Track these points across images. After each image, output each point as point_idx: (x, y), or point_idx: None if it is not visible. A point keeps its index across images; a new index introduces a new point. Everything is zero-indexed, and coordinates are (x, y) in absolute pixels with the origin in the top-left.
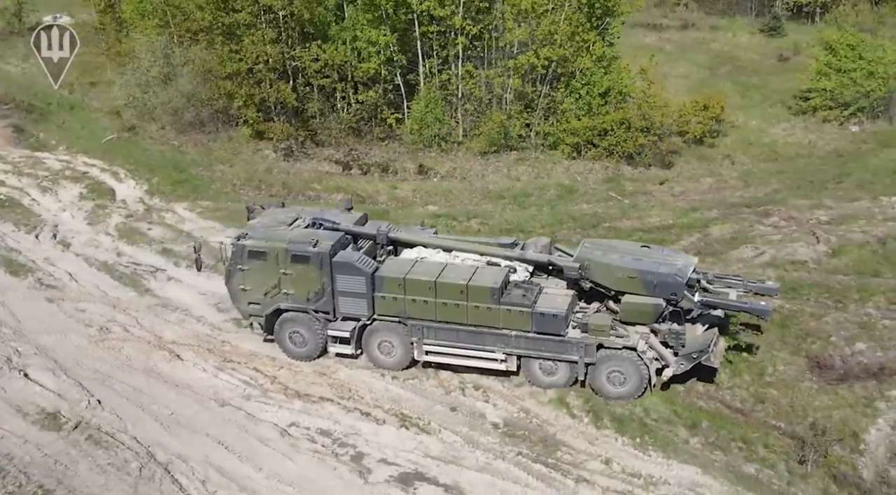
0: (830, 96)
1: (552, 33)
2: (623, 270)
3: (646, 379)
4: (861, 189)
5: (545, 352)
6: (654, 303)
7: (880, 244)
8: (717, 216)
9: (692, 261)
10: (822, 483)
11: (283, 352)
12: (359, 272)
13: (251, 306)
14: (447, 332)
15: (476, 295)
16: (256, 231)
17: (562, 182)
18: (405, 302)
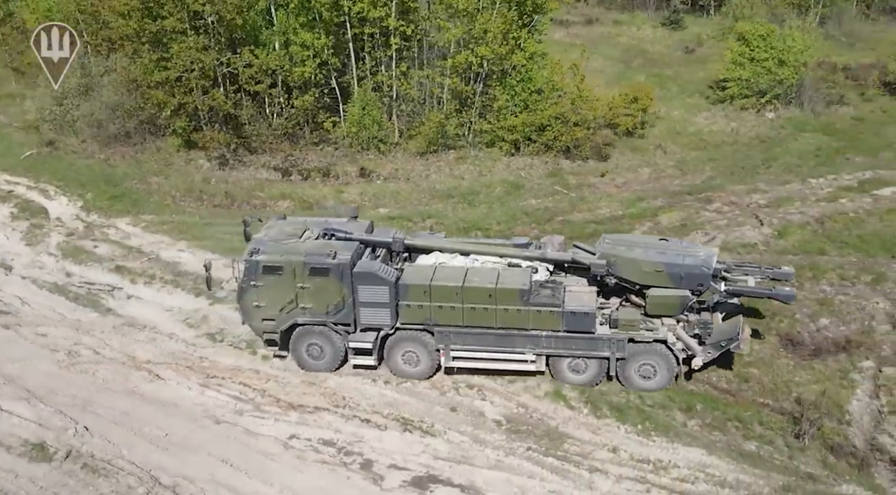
0: (746, 85)
1: (486, 31)
2: (650, 264)
3: (675, 370)
4: (790, 172)
5: (576, 350)
6: (681, 295)
7: (819, 224)
8: (663, 204)
9: (713, 251)
10: (820, 454)
11: (300, 367)
12: (381, 281)
13: (265, 323)
14: (475, 337)
15: (505, 297)
16: (267, 245)
17: (506, 179)
18: (431, 309)
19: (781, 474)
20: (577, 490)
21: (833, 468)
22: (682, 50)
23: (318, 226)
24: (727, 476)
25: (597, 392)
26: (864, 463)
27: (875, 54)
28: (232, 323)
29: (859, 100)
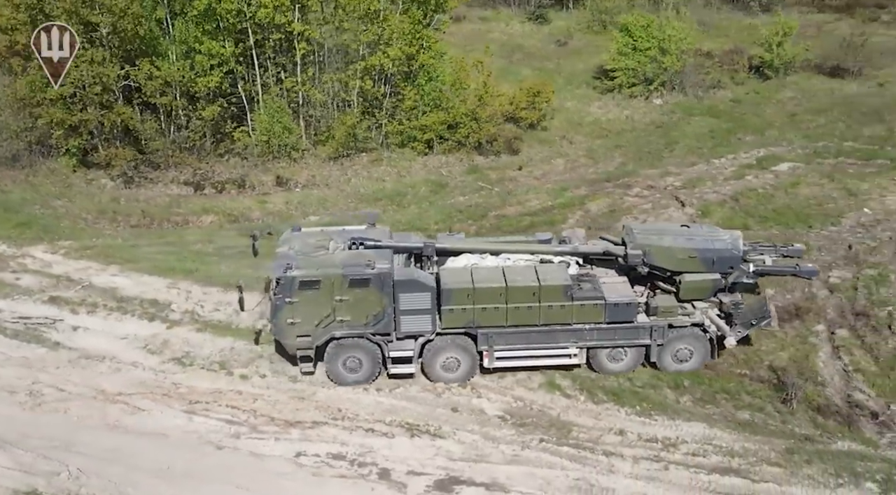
0: (633, 74)
1: (393, 31)
2: (683, 251)
3: (709, 351)
4: (692, 154)
5: (618, 340)
6: (713, 279)
7: (735, 201)
8: (587, 193)
9: (738, 234)
10: (808, 416)
11: (335, 381)
12: (424, 288)
13: (300, 340)
14: (518, 336)
15: (549, 294)
16: (299, 259)
17: (428, 178)
18: (474, 311)
19: (781, 438)
20: (600, 475)
21: (824, 427)
22: (555, 43)
23: (340, 236)
24: (733, 445)
25: (588, 378)
26: (849, 419)
27: (730, 41)
28: (196, 345)
29: (732, 83)
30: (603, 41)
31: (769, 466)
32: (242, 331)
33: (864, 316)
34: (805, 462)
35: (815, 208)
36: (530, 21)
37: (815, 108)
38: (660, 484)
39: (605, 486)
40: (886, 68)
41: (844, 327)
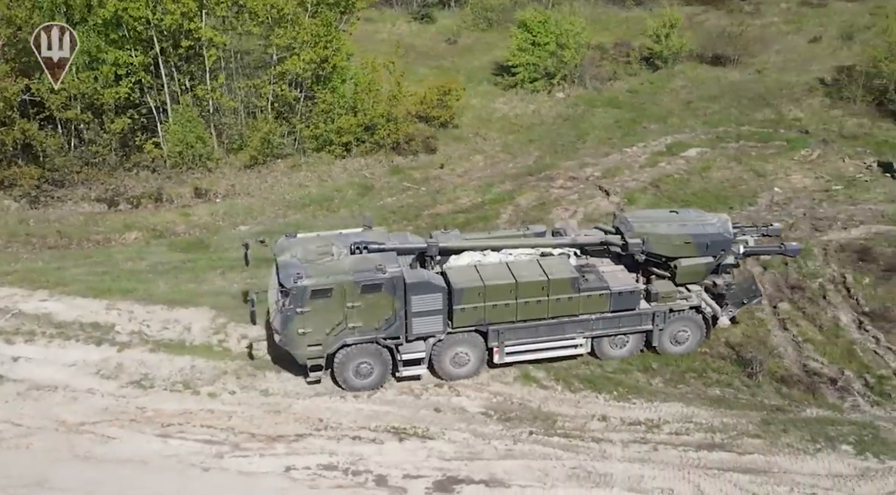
0: (534, 69)
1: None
2: (679, 237)
3: (704, 332)
4: (604, 144)
5: (622, 327)
6: (707, 262)
7: (654, 187)
8: (513, 187)
9: (725, 217)
10: (774, 387)
11: (346, 388)
12: (435, 289)
13: (311, 349)
14: (527, 330)
15: (557, 287)
16: (307, 268)
17: (352, 181)
18: (485, 309)
19: (755, 411)
20: (594, 461)
21: (790, 397)
22: (445, 42)
23: (340, 241)
24: (712, 421)
25: (561, 368)
26: (811, 387)
27: (612, 34)
28: (153, 366)
29: (625, 75)
30: (492, 38)
31: (750, 438)
32: (199, 349)
33: (799, 289)
34: (782, 431)
35: (730, 190)
36: (416, 21)
37: (706, 95)
38: (653, 465)
39: (601, 472)
40: (760, 55)
41: (784, 301)
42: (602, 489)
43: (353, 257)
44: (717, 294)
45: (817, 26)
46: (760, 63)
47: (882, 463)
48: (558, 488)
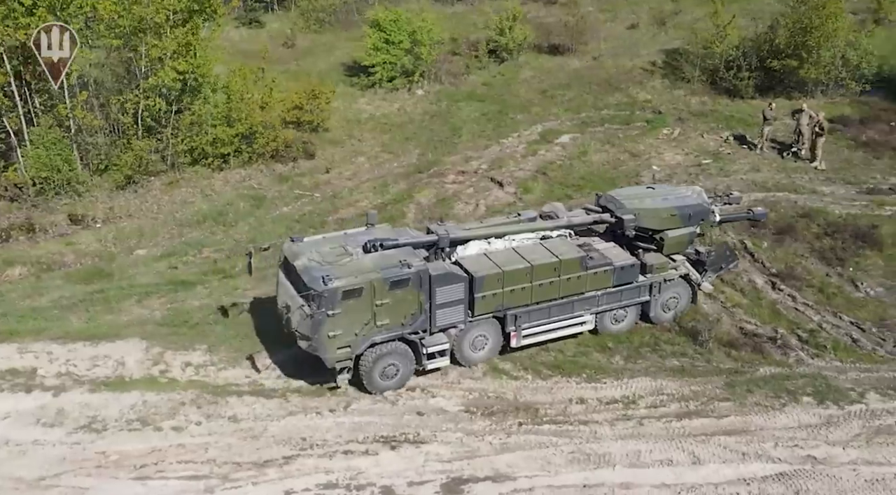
0: (391, 68)
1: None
2: (666, 210)
3: (690, 298)
4: (480, 137)
5: (623, 301)
6: (690, 232)
7: (543, 175)
8: (408, 186)
9: (699, 189)
10: (724, 351)
11: (371, 389)
12: (458, 279)
13: (340, 351)
14: (541, 312)
15: (568, 267)
16: (331, 270)
17: (241, 193)
18: (503, 295)
19: (716, 376)
20: (589, 443)
21: (741, 359)
22: (282, 46)
23: (349, 241)
24: (682, 391)
25: (525, 357)
26: (756, 348)
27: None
28: (99, 407)
29: (475, 68)
30: (328, 39)
31: (720, 402)
32: (143, 383)
33: None
34: (747, 391)
35: (613, 171)
36: (245, 26)
37: (557, 83)
38: (646, 439)
39: (600, 453)
40: (590, 43)
41: None
42: (605, 469)
43: (372, 255)
44: (698, 261)
45: (630, 14)
46: (593, 50)
47: (842, 409)
48: (563, 473)
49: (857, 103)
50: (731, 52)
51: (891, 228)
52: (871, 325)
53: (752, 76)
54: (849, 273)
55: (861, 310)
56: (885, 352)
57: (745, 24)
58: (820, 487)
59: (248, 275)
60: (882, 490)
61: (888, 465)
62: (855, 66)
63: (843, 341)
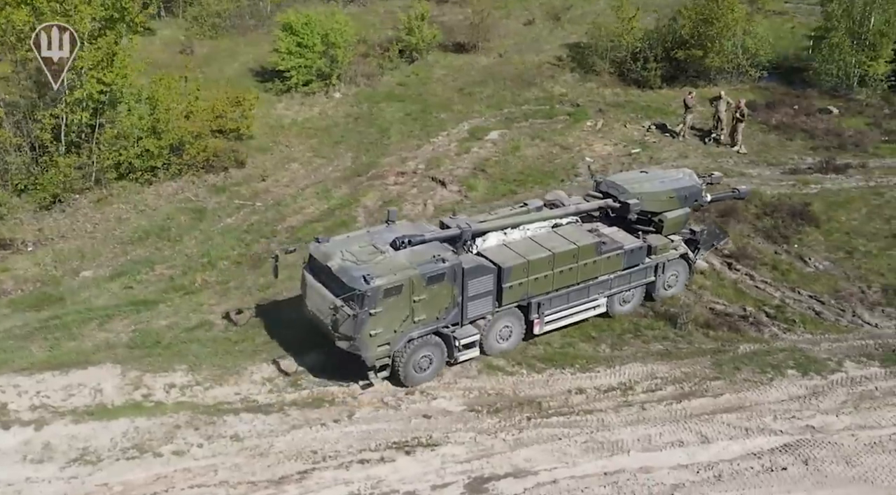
0: (307, 71)
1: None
2: (665, 193)
3: (688, 275)
4: (410, 138)
5: (633, 282)
6: (686, 213)
7: (482, 171)
8: (350, 190)
9: (689, 171)
10: (702, 332)
11: (406, 383)
12: (488, 271)
13: (380, 349)
14: (560, 298)
15: (585, 253)
16: (368, 268)
17: (178, 207)
18: (528, 283)
19: (701, 356)
20: (599, 432)
21: (721, 338)
22: (179, 53)
23: (375, 239)
24: (673, 373)
25: (516, 353)
26: (732, 326)
27: None
28: (88, 438)
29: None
30: (227, 45)
31: (712, 381)
32: (128, 409)
33: None
34: (734, 369)
35: (549, 165)
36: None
37: (471, 81)
38: (653, 423)
39: (612, 440)
40: (493, 41)
41: None
42: (621, 455)
43: (404, 252)
44: (692, 240)
45: (523, 11)
46: (498, 48)
47: (825, 378)
48: (581, 463)
49: (758, 89)
50: (637, 45)
51: (821, 205)
52: (829, 298)
53: (658, 67)
54: (794, 249)
55: (815, 284)
56: (847, 321)
57: (648, 17)
58: (826, 454)
59: (275, 278)
60: (881, 451)
61: (880, 428)
62: (753, 54)
63: (808, 315)
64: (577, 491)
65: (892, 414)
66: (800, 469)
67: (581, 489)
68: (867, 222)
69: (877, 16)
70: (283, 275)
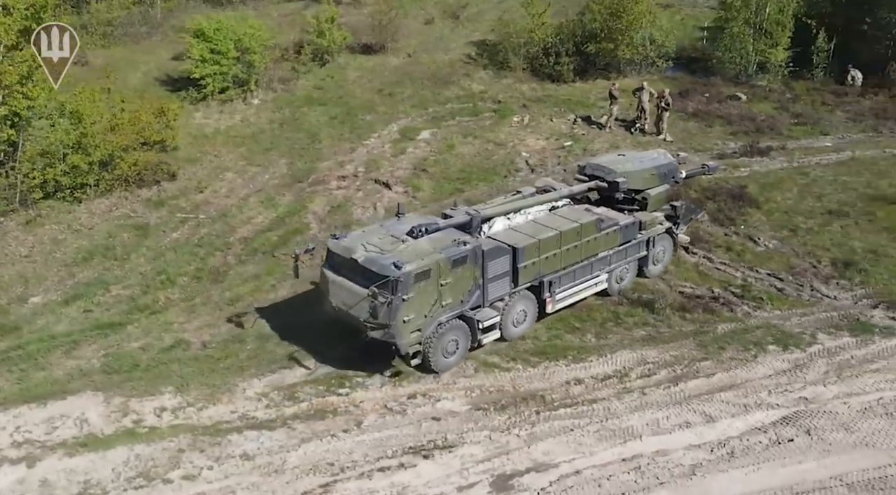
0: (222, 79)
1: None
2: (647, 171)
3: (673, 249)
4: (341, 141)
5: (628, 258)
6: (666, 190)
7: (423, 171)
8: (294, 197)
9: (662, 150)
10: (678, 315)
11: (436, 369)
12: (505, 252)
13: (412, 336)
14: (567, 276)
15: (586, 230)
16: (396, 255)
17: (117, 224)
18: (540, 262)
19: (685, 339)
20: (608, 420)
21: (698, 320)
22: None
23: (391, 230)
24: (662, 357)
25: (509, 348)
26: (706, 307)
27: None
28: (87, 471)
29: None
30: (123, 54)
31: (700, 362)
32: (123, 436)
33: None
34: (719, 349)
35: (487, 162)
36: None
37: (388, 81)
38: (657, 407)
39: (623, 427)
40: (400, 41)
41: None
42: (634, 441)
43: (427, 238)
44: (672, 216)
45: (420, 10)
46: (405, 47)
47: (804, 351)
48: (598, 452)
49: (667, 79)
50: (549, 40)
51: (755, 187)
52: (787, 275)
53: (570, 61)
54: (742, 230)
55: (770, 262)
56: (808, 296)
57: (556, 13)
58: (825, 423)
59: (296, 278)
60: (873, 416)
61: (865, 394)
62: (660, 45)
63: (772, 292)
64: (602, 480)
65: (872, 380)
66: (805, 439)
67: (606, 477)
68: (800, 201)
69: (772, 5)
70: (248, 287)
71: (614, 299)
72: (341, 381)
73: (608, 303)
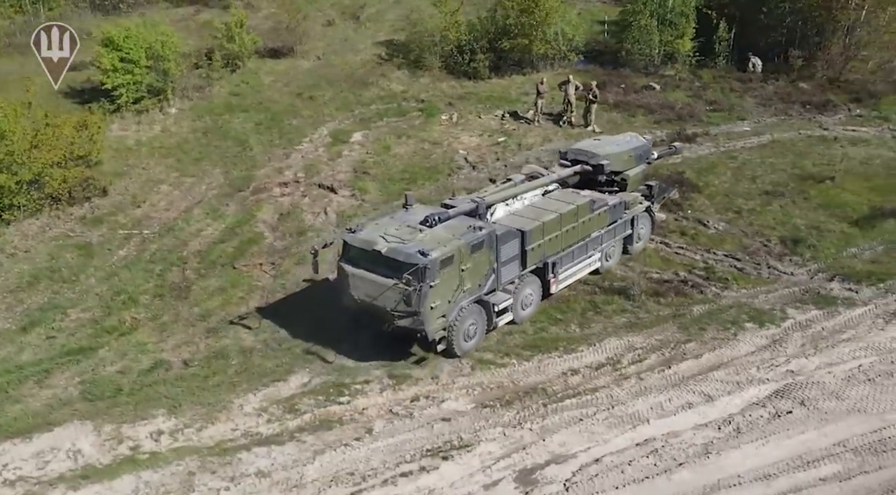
0: (136, 88)
1: None
2: (626, 153)
3: (651, 226)
4: (272, 148)
5: (617, 237)
6: (643, 170)
7: (365, 174)
8: (238, 208)
9: (633, 134)
10: (654, 300)
11: (458, 353)
12: (515, 235)
13: (438, 321)
14: (567, 256)
15: (582, 212)
16: (419, 243)
17: (58, 245)
18: (545, 245)
19: (665, 323)
20: (614, 407)
21: (672, 304)
22: None
23: (405, 220)
24: (648, 342)
25: (501, 343)
26: (677, 291)
27: None
28: None
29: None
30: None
31: (686, 344)
32: (125, 465)
33: None
34: (700, 330)
35: (427, 161)
36: None
37: (305, 85)
38: (657, 391)
39: (629, 413)
40: (307, 44)
41: None
42: (643, 426)
43: (443, 225)
44: (648, 195)
45: (317, 11)
46: (313, 50)
47: (779, 326)
48: (612, 439)
49: (580, 72)
50: (463, 38)
51: (692, 172)
52: (743, 255)
53: (485, 58)
54: (691, 215)
55: (724, 244)
56: (767, 274)
57: (466, 11)
58: (816, 393)
59: (315, 274)
60: (857, 383)
61: (845, 363)
62: (570, 39)
63: (734, 272)
64: (624, 466)
65: (848, 349)
66: (802, 410)
67: (627, 462)
68: (736, 183)
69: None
70: (216, 301)
71: (588, 288)
72: (339, 390)
73: (582, 293)
